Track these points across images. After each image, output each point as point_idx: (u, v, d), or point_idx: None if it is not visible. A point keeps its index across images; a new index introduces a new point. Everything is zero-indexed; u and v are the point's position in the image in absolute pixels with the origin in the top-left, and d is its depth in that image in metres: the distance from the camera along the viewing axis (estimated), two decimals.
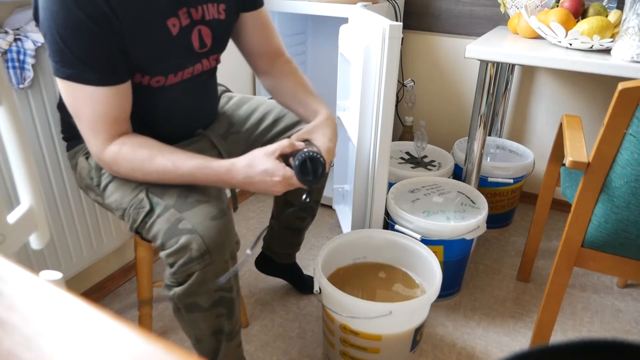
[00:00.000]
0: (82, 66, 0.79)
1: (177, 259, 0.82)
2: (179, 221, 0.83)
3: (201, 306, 0.87)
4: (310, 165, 0.83)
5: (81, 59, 0.78)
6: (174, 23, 0.87)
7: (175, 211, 0.84)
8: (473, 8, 1.85)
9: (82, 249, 1.25)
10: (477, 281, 1.55)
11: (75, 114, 0.84)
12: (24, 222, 0.58)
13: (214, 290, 0.86)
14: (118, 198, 0.92)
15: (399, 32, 1.11)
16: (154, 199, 0.87)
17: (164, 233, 0.84)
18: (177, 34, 0.88)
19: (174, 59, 0.91)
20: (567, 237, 1.06)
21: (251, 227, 1.81)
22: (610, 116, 0.90)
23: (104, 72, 0.81)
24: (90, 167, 0.96)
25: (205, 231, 0.81)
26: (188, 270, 0.82)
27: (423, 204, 1.41)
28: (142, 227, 0.88)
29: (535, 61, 1.26)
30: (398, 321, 1.06)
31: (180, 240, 0.81)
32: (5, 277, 0.30)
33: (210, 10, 0.93)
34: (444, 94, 2.03)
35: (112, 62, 0.81)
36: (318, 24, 2.07)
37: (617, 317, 1.41)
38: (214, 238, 0.81)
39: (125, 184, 0.92)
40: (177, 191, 0.87)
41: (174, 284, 0.86)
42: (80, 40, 0.77)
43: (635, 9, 1.14)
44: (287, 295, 1.46)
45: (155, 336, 0.26)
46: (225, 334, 0.94)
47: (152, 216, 0.86)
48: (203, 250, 0.81)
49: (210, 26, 0.94)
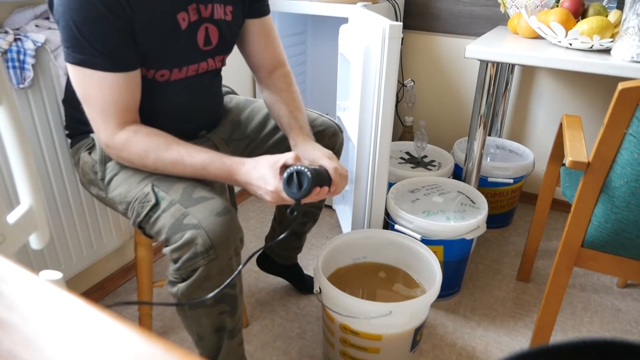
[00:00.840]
0: (94, 52, 0.81)
1: (181, 254, 0.83)
2: (184, 216, 0.83)
3: (205, 302, 0.88)
4: (296, 178, 0.82)
5: (93, 45, 0.80)
6: (184, 17, 0.90)
7: (180, 206, 0.85)
8: (473, 8, 1.85)
9: (82, 249, 1.25)
10: (477, 281, 1.55)
11: (86, 100, 0.85)
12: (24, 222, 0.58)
13: (218, 287, 0.86)
14: (123, 191, 0.92)
15: (399, 32, 1.11)
16: (160, 193, 0.88)
17: (169, 228, 0.84)
18: (185, 29, 0.90)
19: (179, 53, 0.92)
20: (567, 237, 1.06)
21: (251, 227, 1.81)
22: (610, 116, 0.90)
23: (115, 58, 0.83)
24: (94, 161, 0.97)
25: (210, 227, 0.81)
26: (193, 266, 0.83)
27: (423, 204, 1.41)
28: (146, 221, 0.88)
29: (535, 61, 1.26)
30: (398, 321, 1.06)
31: (186, 235, 0.81)
32: (5, 277, 0.30)
33: (218, 10, 0.95)
34: (444, 94, 2.03)
35: (123, 49, 0.84)
36: (318, 24, 2.07)
37: (617, 317, 1.41)
38: (219, 234, 0.82)
39: (130, 177, 0.92)
40: (182, 186, 0.88)
41: (178, 280, 0.86)
42: (94, 27, 0.79)
43: (635, 9, 1.14)
44: (287, 295, 1.46)
45: (155, 336, 0.26)
46: (228, 331, 0.94)
47: (157, 210, 0.86)
48: (208, 246, 0.81)
49: (218, 25, 0.96)
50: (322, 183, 0.87)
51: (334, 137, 1.21)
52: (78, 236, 1.23)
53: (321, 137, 1.19)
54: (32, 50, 1.00)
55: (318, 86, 2.17)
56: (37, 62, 1.03)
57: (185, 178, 0.89)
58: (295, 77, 1.15)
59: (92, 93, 0.84)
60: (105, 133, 0.87)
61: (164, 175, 0.90)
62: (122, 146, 0.87)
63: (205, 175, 0.89)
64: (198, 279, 0.84)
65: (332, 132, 1.20)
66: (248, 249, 1.68)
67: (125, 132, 0.87)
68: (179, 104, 0.99)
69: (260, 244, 1.70)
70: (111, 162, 0.96)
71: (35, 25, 1.05)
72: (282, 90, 1.08)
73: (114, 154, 0.89)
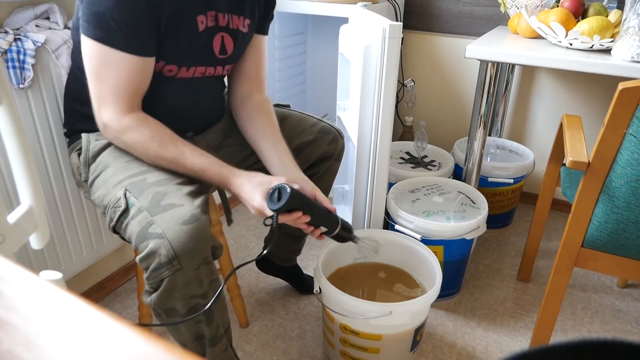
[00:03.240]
0: (118, 31, 0.82)
1: (148, 264, 0.80)
2: (149, 225, 0.81)
3: (179, 312, 0.86)
4: (277, 194, 0.88)
5: (119, 25, 0.82)
6: (202, 20, 0.93)
7: (147, 214, 0.82)
8: (473, 8, 1.85)
9: (82, 249, 1.25)
10: (477, 281, 1.55)
11: (98, 76, 0.86)
12: (24, 222, 0.58)
13: (188, 297, 0.84)
14: (101, 195, 0.91)
15: (399, 32, 1.11)
16: (131, 199, 0.85)
17: (136, 236, 0.82)
18: (202, 31, 0.93)
19: (192, 53, 0.95)
20: (567, 237, 1.06)
21: (251, 227, 1.81)
22: (611, 116, 0.90)
23: (137, 41, 0.85)
24: (79, 163, 0.97)
25: (174, 236, 0.78)
26: (159, 276, 0.80)
27: (423, 204, 1.41)
28: (119, 227, 0.87)
29: (535, 61, 1.26)
30: (398, 321, 1.06)
31: (150, 244, 0.79)
32: (5, 277, 0.30)
33: (236, 21, 0.99)
34: (444, 94, 2.03)
35: (146, 35, 0.85)
36: (318, 24, 2.07)
37: (617, 317, 1.41)
38: (183, 243, 0.79)
39: (108, 180, 0.91)
40: (153, 192, 0.85)
41: (151, 290, 0.85)
42: (125, 8, 0.81)
43: (635, 8, 1.14)
44: (287, 295, 1.46)
45: (155, 336, 0.26)
46: (208, 339, 0.93)
47: (127, 217, 0.84)
48: (171, 256, 0.78)
49: (233, 35, 1.00)
50: (304, 206, 0.91)
51: (334, 143, 1.20)
52: (78, 236, 1.23)
53: (319, 144, 1.18)
54: (32, 50, 1.00)
55: (318, 86, 2.17)
56: (37, 62, 1.03)
57: (159, 182, 0.87)
58: (295, 77, 1.15)
59: (106, 71, 0.85)
60: (111, 112, 0.87)
61: (139, 179, 0.88)
62: (126, 129, 0.87)
63: (202, 177, 0.90)
64: (165, 290, 0.82)
65: (332, 139, 1.19)
66: (248, 249, 1.68)
67: (133, 116, 0.88)
68: (176, 101, 0.99)
69: (259, 243, 1.70)
70: (94, 164, 0.95)
71: (36, 25, 1.05)
72: (264, 112, 1.09)
73: (112, 135, 0.89)
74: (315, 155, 1.19)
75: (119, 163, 0.92)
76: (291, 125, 1.17)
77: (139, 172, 0.90)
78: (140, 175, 0.89)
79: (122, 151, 0.94)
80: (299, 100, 2.14)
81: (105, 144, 0.96)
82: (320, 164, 1.22)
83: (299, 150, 1.17)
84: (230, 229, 1.79)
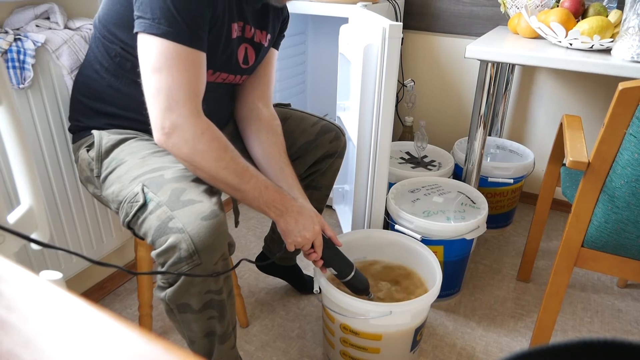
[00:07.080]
0: (183, 27, 0.82)
1: (166, 258, 0.81)
2: (169, 219, 0.81)
3: (192, 307, 0.86)
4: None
5: (185, 21, 0.82)
6: (235, 28, 0.96)
7: (167, 209, 0.82)
8: (473, 8, 1.85)
9: (82, 249, 1.25)
10: (477, 281, 1.55)
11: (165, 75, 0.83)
12: (24, 222, 0.58)
13: (204, 292, 0.85)
14: (115, 190, 0.91)
15: (399, 32, 1.11)
16: (149, 194, 0.85)
17: (154, 231, 0.82)
18: (234, 39, 0.97)
19: (221, 58, 0.96)
20: (567, 237, 1.06)
21: (251, 227, 1.81)
22: (611, 116, 0.90)
23: (199, 38, 0.85)
24: (90, 158, 0.97)
25: (195, 231, 0.79)
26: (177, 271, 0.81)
27: (423, 204, 1.41)
28: (135, 222, 0.86)
29: (535, 61, 1.26)
30: (398, 321, 1.06)
31: (170, 239, 0.79)
32: (5, 277, 0.30)
33: (259, 35, 1.03)
34: (444, 94, 2.03)
35: (206, 32, 0.87)
36: (318, 24, 2.07)
37: (617, 317, 1.41)
38: (204, 239, 0.79)
39: (123, 176, 0.90)
40: (171, 188, 0.85)
41: (166, 285, 0.85)
42: (192, 5, 0.82)
43: (635, 8, 1.14)
44: (287, 295, 1.46)
45: (155, 336, 0.26)
46: (218, 336, 0.93)
47: (145, 212, 0.84)
48: (192, 251, 0.79)
49: (256, 48, 1.03)
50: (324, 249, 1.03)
51: (335, 141, 1.21)
52: (78, 236, 1.23)
53: (321, 143, 1.19)
54: (32, 50, 1.00)
55: (318, 86, 2.17)
56: (37, 62, 1.03)
57: (177, 179, 0.86)
58: (295, 77, 1.16)
59: (175, 69, 0.83)
60: (184, 113, 0.83)
61: (156, 175, 0.88)
62: (202, 134, 0.85)
63: (257, 200, 0.92)
64: (183, 284, 0.82)
65: (334, 136, 1.20)
66: (248, 248, 1.68)
67: (205, 119, 0.87)
68: None
69: (260, 243, 1.70)
70: (107, 160, 0.95)
71: (36, 25, 1.05)
72: (272, 128, 1.10)
73: (180, 139, 0.84)
74: (317, 154, 1.20)
75: (135, 159, 0.92)
76: (292, 126, 1.18)
77: (155, 168, 0.89)
78: (158, 171, 0.88)
79: (137, 147, 0.94)
80: (299, 100, 2.14)
81: (118, 139, 0.96)
82: (322, 161, 1.23)
83: (301, 151, 1.18)
84: (230, 228, 1.79)
